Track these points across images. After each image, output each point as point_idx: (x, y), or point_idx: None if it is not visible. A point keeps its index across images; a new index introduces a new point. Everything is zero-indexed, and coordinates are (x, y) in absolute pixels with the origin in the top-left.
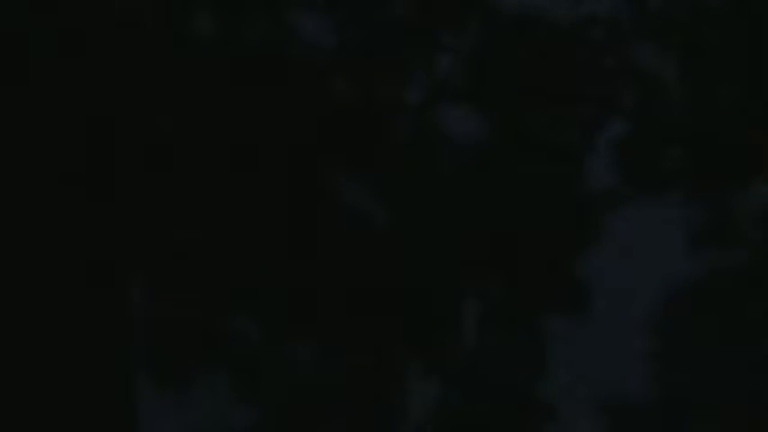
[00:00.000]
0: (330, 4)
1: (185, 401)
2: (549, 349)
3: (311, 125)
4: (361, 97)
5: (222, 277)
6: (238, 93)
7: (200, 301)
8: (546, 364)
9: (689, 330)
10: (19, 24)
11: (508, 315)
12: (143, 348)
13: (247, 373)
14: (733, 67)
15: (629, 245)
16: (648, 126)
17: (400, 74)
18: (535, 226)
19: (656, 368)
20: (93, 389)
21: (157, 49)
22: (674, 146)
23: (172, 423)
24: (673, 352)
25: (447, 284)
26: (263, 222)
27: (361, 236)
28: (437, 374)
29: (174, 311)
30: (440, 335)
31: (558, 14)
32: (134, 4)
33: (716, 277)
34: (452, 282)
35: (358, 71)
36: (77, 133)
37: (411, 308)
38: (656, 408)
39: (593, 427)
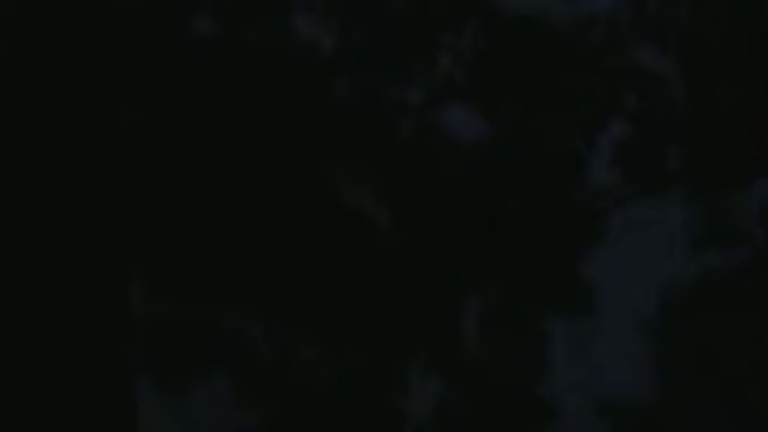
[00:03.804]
0: (330, 4)
1: (185, 401)
2: (550, 349)
3: (311, 125)
4: (362, 97)
5: (222, 277)
6: (239, 92)
7: (200, 301)
8: (546, 364)
9: (689, 330)
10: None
11: (508, 315)
12: (143, 348)
13: (247, 374)
14: (733, 67)
15: (629, 245)
16: (648, 126)
17: (400, 74)
18: (535, 226)
19: (656, 368)
20: (93, 389)
21: (158, 49)
22: (674, 146)
23: (172, 423)
24: (673, 352)
25: (447, 284)
26: (263, 222)
27: (361, 236)
28: (437, 374)
29: (174, 311)
30: (440, 335)
31: (557, 14)
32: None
33: (716, 277)
34: (452, 282)
35: (358, 71)
36: (78, 131)
37: (411, 308)
38: (657, 408)
39: (593, 427)
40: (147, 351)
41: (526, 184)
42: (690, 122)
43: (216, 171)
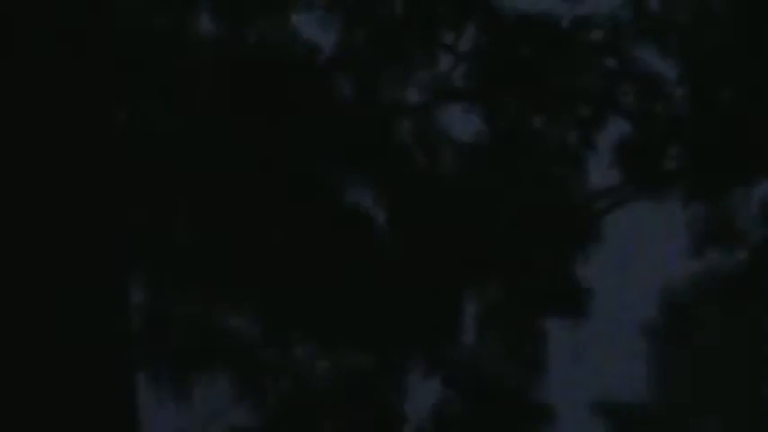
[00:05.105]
0: (330, 4)
1: (185, 401)
2: (548, 349)
3: (311, 125)
4: (362, 97)
5: (222, 277)
6: (238, 92)
7: (199, 301)
8: (544, 365)
9: (688, 331)
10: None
11: (508, 315)
12: (143, 348)
13: (247, 374)
14: (733, 67)
15: (629, 245)
16: (648, 126)
17: (400, 74)
18: (535, 226)
19: (654, 369)
20: (93, 388)
21: (158, 49)
22: (674, 146)
23: (171, 422)
24: (672, 352)
25: (447, 284)
26: (263, 222)
27: (361, 236)
28: (437, 374)
29: (173, 311)
30: (440, 335)
31: (557, 14)
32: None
33: (716, 277)
34: (452, 282)
35: (358, 71)
36: (78, 131)
37: (411, 308)
38: (655, 408)
39: (591, 427)
40: (147, 351)
41: (525, 184)
42: (690, 122)
43: (216, 171)
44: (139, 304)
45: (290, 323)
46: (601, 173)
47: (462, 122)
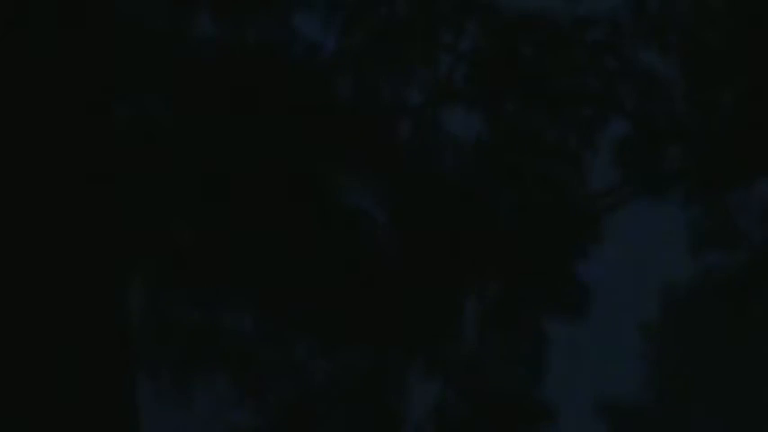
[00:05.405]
0: (331, 5)
1: (185, 401)
2: (549, 349)
3: (311, 125)
4: (362, 97)
5: (221, 277)
6: (238, 92)
7: (199, 301)
8: (545, 365)
9: (688, 331)
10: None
11: (508, 315)
12: (143, 348)
13: (247, 374)
14: (733, 67)
15: (629, 245)
16: (648, 126)
17: (400, 74)
18: (535, 226)
19: (655, 368)
20: (93, 389)
21: (158, 49)
22: (674, 146)
23: (172, 423)
24: (672, 352)
25: (447, 284)
26: (262, 222)
27: (361, 236)
28: (437, 374)
29: (173, 311)
30: (440, 335)
31: (558, 14)
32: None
33: (716, 277)
34: (452, 282)
35: (358, 71)
36: (78, 131)
37: (411, 308)
38: (655, 408)
39: (592, 427)
40: (147, 351)
41: (526, 185)
42: (690, 122)
43: (215, 171)
44: (139, 304)
45: (289, 323)
46: (601, 173)
47: (462, 122)
